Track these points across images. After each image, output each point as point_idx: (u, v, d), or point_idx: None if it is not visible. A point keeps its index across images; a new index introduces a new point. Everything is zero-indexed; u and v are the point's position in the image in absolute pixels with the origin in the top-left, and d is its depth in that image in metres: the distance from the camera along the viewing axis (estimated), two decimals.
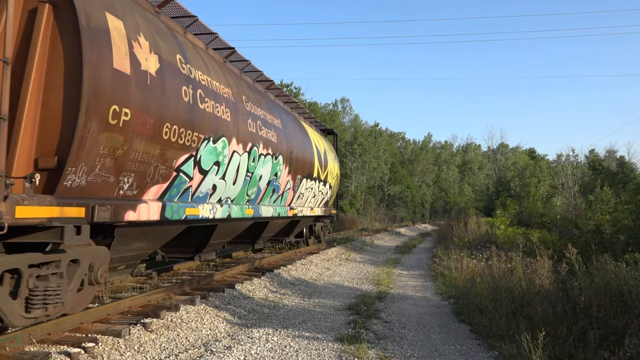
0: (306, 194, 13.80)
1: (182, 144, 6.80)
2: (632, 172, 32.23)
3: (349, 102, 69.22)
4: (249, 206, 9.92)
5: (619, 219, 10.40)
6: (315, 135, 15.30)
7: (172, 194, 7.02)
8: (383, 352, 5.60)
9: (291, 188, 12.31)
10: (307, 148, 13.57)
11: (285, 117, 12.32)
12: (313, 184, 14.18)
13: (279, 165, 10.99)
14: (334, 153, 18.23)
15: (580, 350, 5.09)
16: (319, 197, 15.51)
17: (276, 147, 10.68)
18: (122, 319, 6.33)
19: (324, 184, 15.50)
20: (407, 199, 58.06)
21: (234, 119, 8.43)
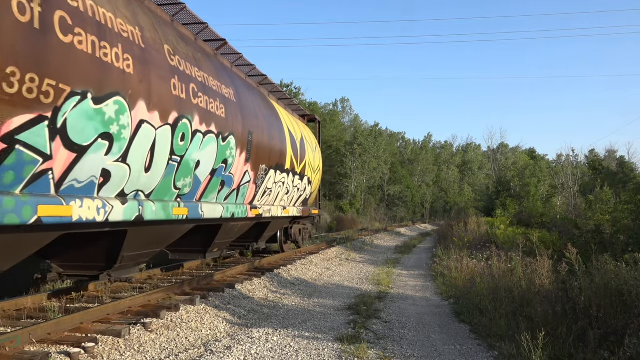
0: (276, 189, 11.40)
1: (18, 96, 4.18)
2: (632, 172, 32.22)
3: (349, 102, 69.31)
4: (181, 204, 7.26)
5: (619, 219, 10.39)
6: (290, 119, 12.82)
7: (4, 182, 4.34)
8: (383, 352, 5.60)
9: (251, 181, 9.74)
10: (277, 132, 10.91)
11: (244, 90, 9.58)
12: (285, 178, 11.80)
13: (230, 150, 8.34)
14: (316, 143, 15.80)
15: (580, 350, 5.09)
16: (294, 195, 13.08)
17: (225, 125, 8.03)
18: (122, 319, 6.33)
19: (300, 178, 13.11)
20: (407, 199, 58.06)
21: (141, 71, 5.77)
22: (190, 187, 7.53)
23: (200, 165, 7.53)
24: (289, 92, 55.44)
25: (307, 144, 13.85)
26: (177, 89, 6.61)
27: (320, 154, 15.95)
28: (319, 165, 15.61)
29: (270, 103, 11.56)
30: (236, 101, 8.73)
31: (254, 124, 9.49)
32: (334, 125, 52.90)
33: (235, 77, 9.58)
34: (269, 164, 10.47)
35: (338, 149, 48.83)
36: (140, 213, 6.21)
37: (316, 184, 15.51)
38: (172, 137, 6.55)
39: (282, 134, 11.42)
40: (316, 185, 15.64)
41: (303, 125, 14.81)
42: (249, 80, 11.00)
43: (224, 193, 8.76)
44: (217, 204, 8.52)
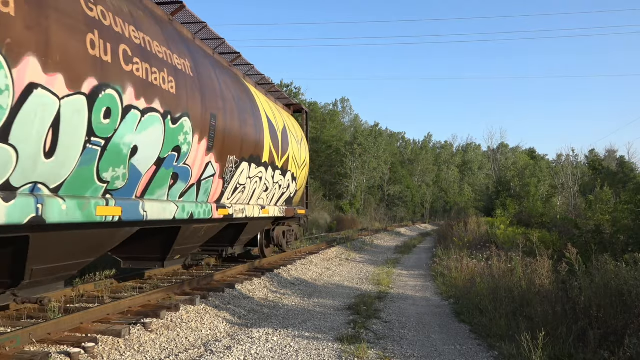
0: (251, 186, 9.78)
1: None
2: (632, 172, 32.23)
3: (349, 102, 69.33)
4: (112, 201, 5.61)
5: (619, 219, 10.39)
6: (270, 106, 11.28)
7: None
8: (383, 352, 5.60)
9: (217, 175, 8.10)
10: (251, 119, 9.32)
11: (208, 65, 7.96)
12: (263, 173, 10.19)
13: (184, 136, 6.74)
14: (302, 135, 14.10)
15: (580, 350, 5.09)
16: (274, 192, 11.49)
17: (176, 103, 6.43)
18: (122, 318, 6.34)
19: (282, 173, 11.58)
20: (407, 199, 58.06)
21: (31, 13, 4.26)
22: (126, 180, 5.81)
23: (138, 152, 5.84)
24: (288, 92, 55.47)
25: (291, 136, 12.30)
26: (97, 47, 4.99)
27: (307, 148, 14.34)
28: (306, 160, 13.98)
29: (246, 86, 9.89)
30: (194, 76, 7.05)
31: (220, 106, 7.82)
32: (334, 125, 52.89)
33: (196, 49, 7.87)
34: (241, 155, 8.83)
35: (338, 149, 48.83)
36: (40, 214, 4.53)
37: (302, 180, 13.91)
38: (89, 111, 4.92)
39: (259, 121, 9.78)
40: (302, 182, 14.03)
41: (287, 114, 13.28)
42: (218, 57, 9.30)
43: (177, 189, 7.07)
44: (168, 203, 6.81)
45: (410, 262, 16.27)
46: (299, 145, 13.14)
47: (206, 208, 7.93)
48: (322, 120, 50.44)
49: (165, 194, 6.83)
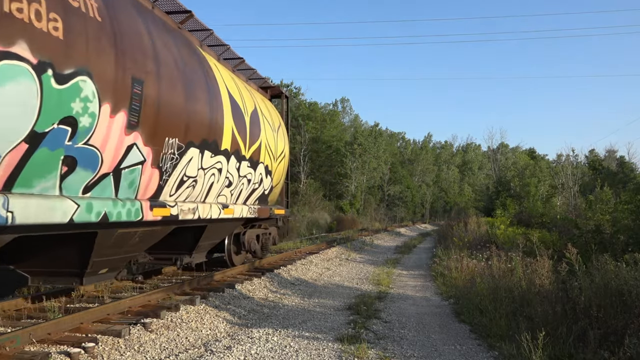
0: (206, 179, 7.91)
1: None
2: (632, 172, 32.26)
3: (349, 102, 69.25)
4: None
5: (619, 219, 10.39)
6: (235, 83, 9.27)
7: None
8: (383, 352, 5.60)
9: (149, 163, 6.22)
10: (204, 94, 7.48)
11: (130, 12, 6.01)
12: (223, 163, 8.36)
13: (84, 103, 4.98)
14: (280, 122, 12.36)
15: (580, 350, 5.09)
16: (242, 188, 9.59)
17: (63, 53, 4.67)
18: (122, 319, 6.34)
19: (252, 165, 9.71)
20: (407, 199, 58.06)
21: None
22: None
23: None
24: (288, 92, 55.46)
25: (264, 121, 10.43)
26: None
27: (286, 137, 12.61)
28: (284, 151, 12.16)
29: (201, 55, 8.01)
30: (103, 21, 5.26)
31: (150, 69, 5.95)
32: (334, 125, 52.83)
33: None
34: (187, 138, 6.93)
35: (338, 149, 48.82)
36: None
37: (280, 175, 12.10)
38: None
39: (216, 98, 7.92)
40: (281, 177, 12.25)
41: (261, 97, 11.43)
42: (160, 14, 7.31)
43: (78, 180, 5.21)
44: (60, 199, 4.94)
45: (410, 262, 16.27)
46: (274, 133, 11.18)
47: (132, 207, 5.98)
48: (322, 120, 50.39)
49: (54, 186, 4.92)
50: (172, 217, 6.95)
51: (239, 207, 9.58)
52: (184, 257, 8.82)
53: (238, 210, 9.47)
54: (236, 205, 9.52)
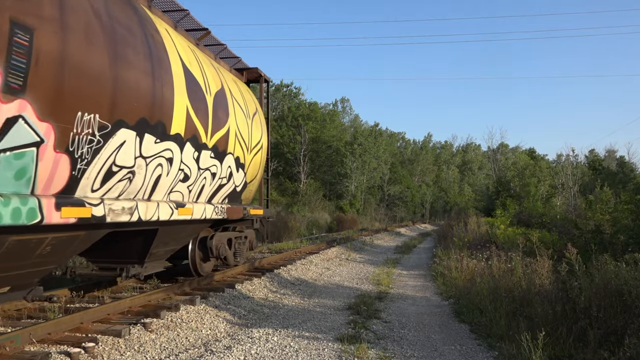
0: (149, 171, 6.32)
1: None
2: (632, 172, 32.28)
3: (349, 102, 69.26)
4: None
5: (619, 219, 10.39)
6: (195, 57, 7.75)
7: None
8: (383, 352, 5.61)
9: (51, 144, 4.70)
10: (143, 62, 5.93)
11: None
12: (175, 152, 6.82)
13: None
14: (256, 108, 10.62)
15: (580, 350, 5.09)
16: (204, 183, 8.03)
17: None
18: (122, 318, 6.34)
19: (217, 156, 8.19)
20: (407, 199, 58.05)
21: None
22: None
23: None
24: (289, 91, 55.45)
25: (234, 105, 8.90)
26: None
27: (264, 127, 10.92)
28: (262, 142, 10.54)
29: (143, 13, 6.47)
30: None
31: (47, 14, 4.50)
32: (334, 125, 52.83)
33: None
34: (114, 115, 5.38)
35: (338, 149, 48.81)
36: None
37: (257, 169, 10.42)
38: None
39: (165, 70, 6.41)
40: (257, 172, 10.53)
41: (232, 78, 9.78)
42: None
43: None
44: None
45: (410, 262, 16.27)
46: (248, 120, 9.66)
47: (23, 206, 4.40)
48: (322, 120, 50.39)
49: None
50: (95, 218, 5.31)
51: (200, 206, 7.90)
52: (133, 266, 7.34)
53: (199, 211, 7.84)
54: (197, 204, 7.85)
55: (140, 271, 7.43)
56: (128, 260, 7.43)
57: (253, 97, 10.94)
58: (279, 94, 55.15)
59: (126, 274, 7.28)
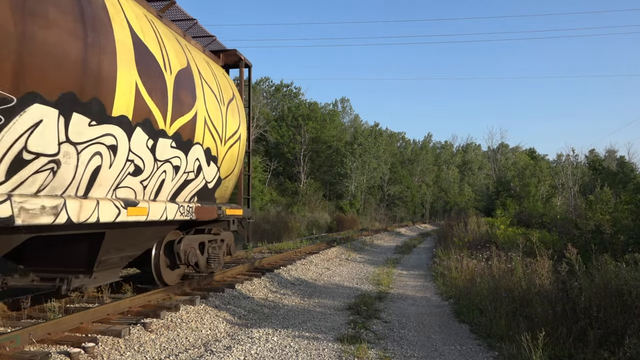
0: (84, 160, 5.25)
1: None
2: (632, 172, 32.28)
3: (349, 102, 69.25)
4: None
5: (619, 219, 10.40)
6: (151, 26, 6.63)
7: None
8: (383, 352, 5.61)
9: None
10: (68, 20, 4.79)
11: None
12: (119, 138, 5.70)
13: None
14: (233, 94, 9.31)
15: (580, 350, 5.09)
16: (163, 178, 6.84)
17: None
18: (122, 319, 6.34)
19: (180, 146, 7.04)
20: (407, 199, 58.07)
21: None
22: None
23: None
24: (289, 91, 55.46)
25: (203, 88, 7.73)
26: None
27: (243, 116, 9.67)
28: (240, 133, 9.29)
29: None
30: None
31: None
32: (334, 125, 52.86)
33: None
34: (21, 85, 4.30)
35: (338, 149, 48.84)
36: None
37: (233, 163, 9.16)
38: None
39: (101, 32, 5.27)
40: (234, 166, 9.24)
41: (203, 58, 8.51)
42: None
43: None
44: None
45: (410, 262, 16.27)
46: (222, 107, 8.44)
47: None
48: (322, 120, 50.41)
49: None
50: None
51: (159, 205, 6.67)
52: (76, 277, 6.13)
53: (158, 210, 6.62)
54: (155, 202, 6.62)
55: (86, 283, 6.25)
56: (73, 270, 6.26)
57: (230, 82, 9.61)
58: (279, 94, 55.21)
59: (67, 287, 6.00)
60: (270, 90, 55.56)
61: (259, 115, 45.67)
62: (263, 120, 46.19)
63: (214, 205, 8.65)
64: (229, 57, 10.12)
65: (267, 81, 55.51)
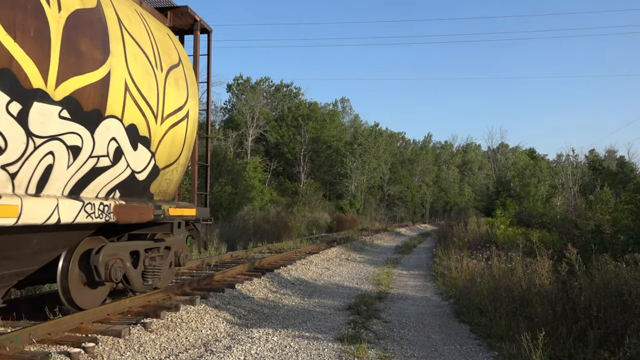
0: None
1: None
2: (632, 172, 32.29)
3: (349, 102, 69.15)
4: None
5: (619, 219, 10.40)
6: None
7: None
8: (383, 352, 5.61)
9: None
10: None
11: None
12: None
13: None
14: (180, 61, 7.40)
15: (580, 350, 5.09)
16: (51, 162, 4.93)
17: None
18: (122, 319, 6.34)
19: (83, 119, 5.24)
20: (407, 199, 58.07)
21: None
22: None
23: None
24: (289, 91, 55.43)
25: (125, 42, 5.92)
26: None
27: (195, 90, 7.81)
28: (188, 110, 7.37)
29: None
30: None
31: None
32: (334, 125, 52.85)
33: None
34: None
35: (338, 149, 48.85)
36: None
37: (175, 149, 7.17)
38: None
39: None
40: (178, 153, 7.27)
41: (133, 6, 6.63)
42: None
43: None
44: None
45: (410, 262, 16.27)
46: (158, 73, 6.56)
47: None
48: (322, 120, 50.42)
49: None
50: None
51: (45, 202, 4.82)
52: None
53: (42, 210, 4.77)
54: (36, 198, 4.76)
55: None
56: None
57: (178, 46, 7.66)
58: (279, 94, 55.21)
59: None
60: (270, 90, 55.59)
61: (258, 115, 45.69)
62: (263, 120, 46.21)
63: (149, 203, 6.67)
64: (179, 18, 8.08)
65: (267, 81, 55.57)
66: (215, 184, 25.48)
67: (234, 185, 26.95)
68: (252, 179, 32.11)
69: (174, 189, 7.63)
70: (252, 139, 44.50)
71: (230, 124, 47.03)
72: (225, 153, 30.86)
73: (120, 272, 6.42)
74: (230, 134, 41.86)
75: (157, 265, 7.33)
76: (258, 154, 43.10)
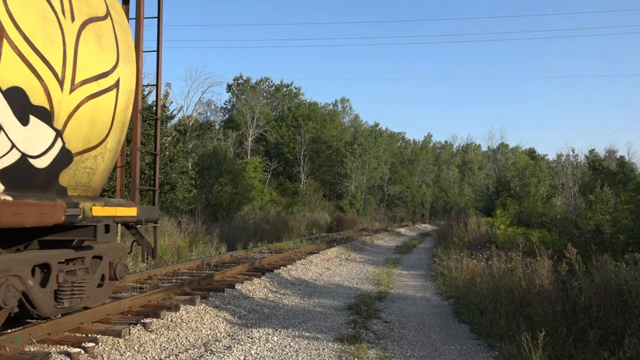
0: None
1: None
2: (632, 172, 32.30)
3: (349, 102, 69.04)
4: None
5: (619, 219, 10.40)
6: None
7: None
8: (383, 352, 5.61)
9: None
10: None
11: None
12: None
13: None
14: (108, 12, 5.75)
15: (580, 350, 5.09)
16: None
17: None
18: (122, 319, 6.34)
19: None
20: (407, 199, 58.05)
21: None
22: None
23: None
24: (289, 91, 55.40)
25: None
26: None
27: (133, 57, 6.24)
28: (119, 77, 5.83)
29: None
30: None
31: None
32: (334, 125, 52.85)
33: None
34: None
35: (338, 149, 48.84)
36: None
37: (100, 128, 5.64)
38: None
39: None
40: (104, 133, 5.75)
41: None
42: None
43: None
44: None
45: (410, 262, 16.27)
46: (64, 21, 4.98)
47: None
48: (322, 120, 50.41)
49: None
50: None
51: None
52: None
53: None
54: None
55: None
56: None
57: None
58: (279, 94, 55.22)
59: None
60: (270, 90, 55.59)
61: (258, 115, 45.69)
62: (263, 120, 46.21)
63: (59, 199, 5.08)
64: None
65: (267, 81, 55.56)
66: (215, 184, 25.50)
67: (234, 185, 26.98)
68: (252, 179, 32.13)
69: (99, 181, 5.97)
70: (252, 139, 44.51)
71: (230, 124, 47.06)
72: (225, 153, 30.86)
73: (12, 297, 4.68)
74: (230, 134, 41.88)
75: (79, 280, 5.68)
76: (258, 154, 43.10)
